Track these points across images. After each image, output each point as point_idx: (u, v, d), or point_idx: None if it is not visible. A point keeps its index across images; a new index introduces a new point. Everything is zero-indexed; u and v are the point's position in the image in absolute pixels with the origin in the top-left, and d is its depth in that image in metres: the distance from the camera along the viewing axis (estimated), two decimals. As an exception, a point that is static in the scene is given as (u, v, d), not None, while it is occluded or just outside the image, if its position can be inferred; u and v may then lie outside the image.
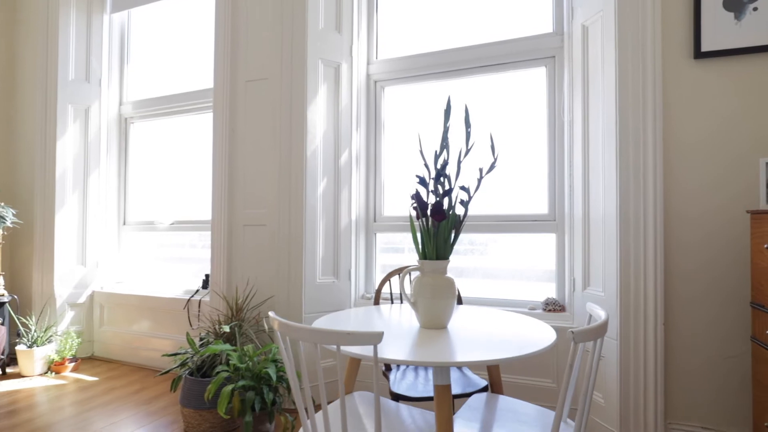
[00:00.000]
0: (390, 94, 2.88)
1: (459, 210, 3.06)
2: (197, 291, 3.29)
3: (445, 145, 1.47)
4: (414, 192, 1.51)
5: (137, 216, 3.78)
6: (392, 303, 2.06)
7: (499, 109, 2.64)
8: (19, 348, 3.22)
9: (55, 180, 3.48)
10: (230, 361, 2.26)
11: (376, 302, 2.10)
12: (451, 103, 1.41)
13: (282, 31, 2.71)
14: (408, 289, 2.81)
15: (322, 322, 1.59)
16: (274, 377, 2.15)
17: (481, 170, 1.53)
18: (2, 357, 3.21)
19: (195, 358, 2.42)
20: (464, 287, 2.67)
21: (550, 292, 2.50)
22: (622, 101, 2.04)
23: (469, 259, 2.67)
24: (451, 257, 2.21)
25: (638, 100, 2.03)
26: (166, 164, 3.66)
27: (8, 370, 3.32)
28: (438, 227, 1.45)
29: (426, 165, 1.56)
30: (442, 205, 1.41)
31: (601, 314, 1.33)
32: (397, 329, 1.50)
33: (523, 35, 2.57)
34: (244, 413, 2.08)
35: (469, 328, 1.51)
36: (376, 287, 2.84)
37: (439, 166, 1.46)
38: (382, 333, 1.10)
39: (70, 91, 3.55)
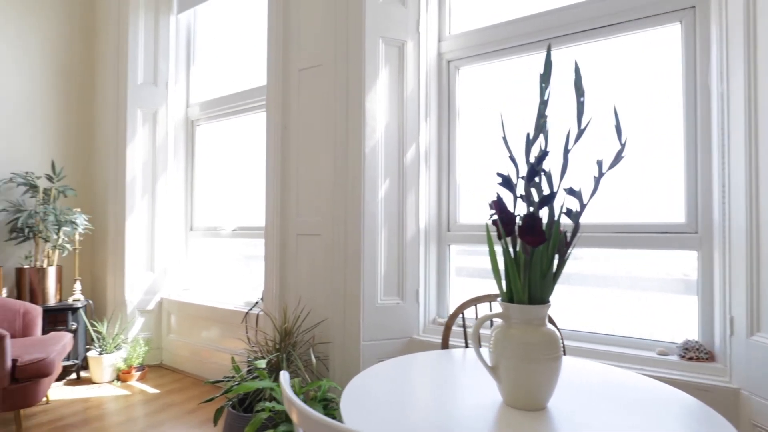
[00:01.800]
0: (466, 76, 2.36)
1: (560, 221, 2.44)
2: (256, 304, 3.03)
3: (542, 125, 0.94)
4: (495, 198, 1.01)
5: (203, 221, 3.66)
6: (467, 346, 1.55)
7: (611, 85, 2.00)
8: (91, 354, 3.21)
9: (126, 185, 3.45)
10: (274, 399, 1.91)
11: (445, 343, 1.61)
12: (552, 65, 0.88)
13: (336, 8, 2.32)
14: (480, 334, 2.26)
15: (358, 383, 1.14)
16: (319, 424, 1.76)
17: (599, 164, 0.98)
18: (76, 362, 3.23)
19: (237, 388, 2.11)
20: (564, 314, 2.07)
21: (689, 331, 1.82)
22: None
23: (572, 280, 2.07)
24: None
25: None
26: (228, 167, 3.48)
27: (82, 374, 3.34)
28: (532, 254, 0.94)
29: (512, 158, 1.05)
30: (539, 221, 0.89)
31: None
32: (465, 403, 1.01)
33: (647, -17, 1.91)
34: (284, 467, 1.71)
35: (586, 414, 0.97)
36: (450, 312, 2.34)
37: (533, 159, 0.94)
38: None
39: (139, 95, 3.51)
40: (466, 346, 1.51)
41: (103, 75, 3.76)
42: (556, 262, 1.01)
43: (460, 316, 2.22)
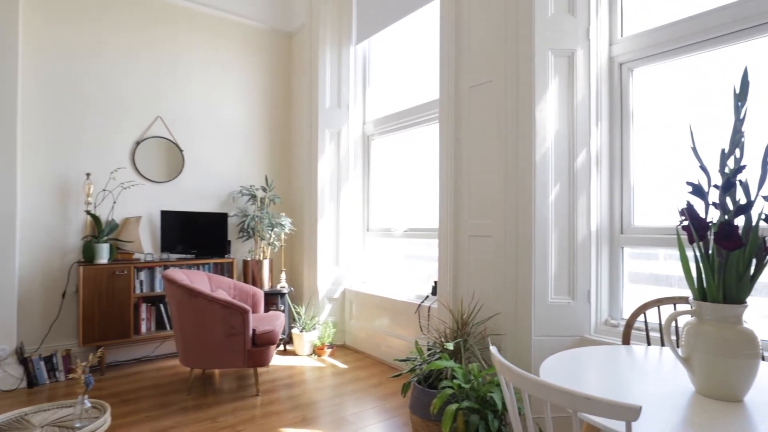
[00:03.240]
0: (641, 77, 2.34)
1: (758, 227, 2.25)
2: (427, 297, 3.39)
3: (737, 141, 1.02)
4: (685, 206, 1.12)
5: (377, 223, 4.19)
6: (648, 344, 1.62)
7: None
8: (294, 331, 3.96)
9: (317, 193, 4.15)
10: (455, 379, 2.20)
11: (626, 340, 1.69)
12: (748, 84, 0.97)
13: (506, 28, 2.52)
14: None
15: (553, 363, 1.34)
16: (499, 404, 1.99)
17: (805, 172, 1.01)
18: (283, 336, 4.02)
19: (423, 367, 2.46)
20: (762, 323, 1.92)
21: None
22: None
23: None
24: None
25: None
26: (399, 175, 3.93)
27: (287, 347, 4.14)
28: (727, 257, 1.03)
29: (703, 167, 1.13)
30: (735, 229, 0.98)
31: None
32: (658, 390, 1.13)
33: None
34: (469, 437, 1.98)
35: (786, 408, 1.02)
36: (623, 314, 2.35)
37: (728, 170, 1.03)
38: (640, 408, 0.81)
39: (327, 117, 4.18)
40: (648, 344, 1.56)
41: (298, 103, 4.58)
42: (754, 264, 1.07)
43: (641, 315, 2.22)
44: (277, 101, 4.62)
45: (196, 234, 3.90)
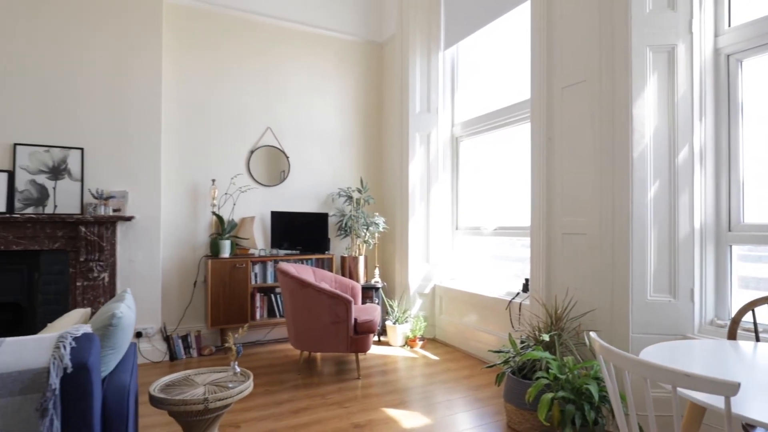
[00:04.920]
0: (750, 68, 2.24)
1: None
2: (517, 294, 3.47)
3: None
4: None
5: (465, 222, 4.32)
6: (757, 341, 1.61)
7: None
8: (387, 323, 4.23)
9: (408, 194, 4.39)
10: (550, 370, 2.29)
11: (732, 336, 1.69)
12: None
13: (600, 27, 2.54)
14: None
15: (654, 351, 1.41)
16: (596, 396, 2.05)
17: None
18: (378, 328, 4.30)
19: (516, 359, 2.57)
20: None
21: None
22: None
23: None
24: None
25: None
26: (487, 175, 4.03)
27: (381, 338, 4.42)
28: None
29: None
30: None
31: None
32: (765, 378, 1.17)
33: None
34: (564, 425, 2.07)
35: None
36: (732, 314, 2.27)
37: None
38: (739, 384, 0.90)
39: (417, 122, 4.40)
40: (758, 341, 1.54)
41: (389, 108, 4.86)
42: None
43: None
44: (369, 108, 4.94)
45: (301, 232, 4.33)
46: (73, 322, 1.68)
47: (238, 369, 1.99)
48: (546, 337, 2.39)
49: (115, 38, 3.57)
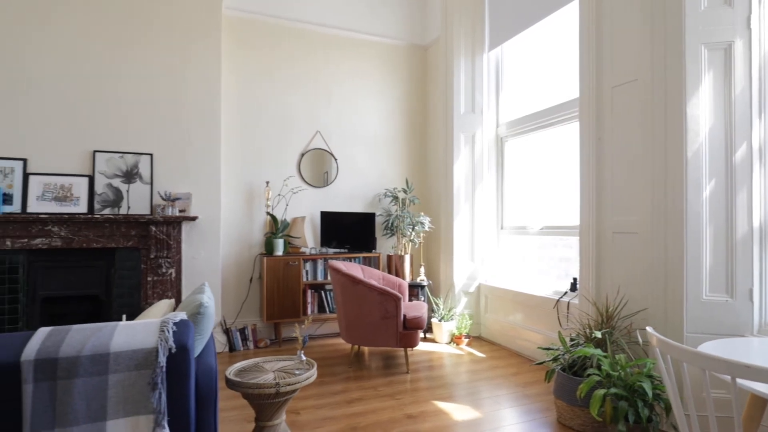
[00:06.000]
0: (816, 62, 2.19)
1: None
2: (565, 293, 3.48)
3: None
4: None
5: (511, 221, 4.35)
6: (821, 339, 1.60)
7: None
8: (433, 320, 4.32)
9: (453, 194, 4.46)
10: (601, 366, 2.32)
11: (794, 334, 1.68)
12: None
13: (652, 26, 2.54)
14: None
15: (711, 347, 1.45)
16: (649, 393, 2.07)
17: None
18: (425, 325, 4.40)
19: (566, 356, 2.61)
20: None
21: None
22: None
23: None
24: None
25: None
26: (533, 174, 4.05)
27: (427, 335, 4.52)
28: None
29: None
30: None
31: None
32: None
33: None
34: (617, 421, 2.10)
35: None
36: (796, 314, 2.23)
37: None
38: (797, 374, 0.95)
39: (461, 122, 4.47)
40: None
41: (434, 110, 4.94)
42: None
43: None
44: (413, 110, 5.05)
45: (349, 231, 4.50)
46: (162, 312, 1.89)
47: (303, 357, 2.15)
48: (598, 334, 2.42)
49: (179, 52, 3.86)
